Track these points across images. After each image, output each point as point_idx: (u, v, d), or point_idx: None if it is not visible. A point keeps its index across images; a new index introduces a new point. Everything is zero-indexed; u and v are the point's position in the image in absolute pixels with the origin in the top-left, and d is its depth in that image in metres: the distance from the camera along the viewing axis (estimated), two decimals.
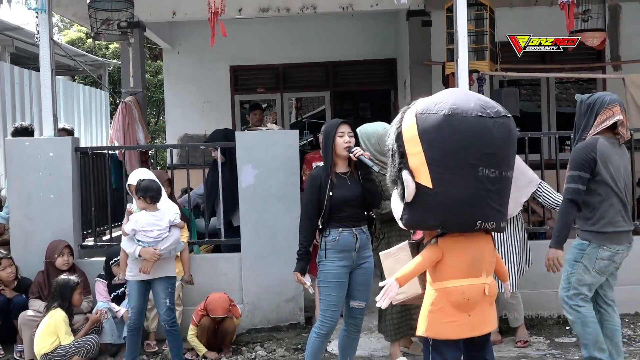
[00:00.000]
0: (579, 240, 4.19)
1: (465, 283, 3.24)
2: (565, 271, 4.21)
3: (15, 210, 5.76)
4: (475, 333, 3.30)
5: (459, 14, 5.79)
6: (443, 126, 3.11)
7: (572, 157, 4.17)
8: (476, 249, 3.29)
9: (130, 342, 4.73)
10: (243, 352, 5.25)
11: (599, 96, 4.27)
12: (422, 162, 3.16)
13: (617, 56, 8.76)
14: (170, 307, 4.69)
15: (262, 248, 5.71)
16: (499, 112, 3.16)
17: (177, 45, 10.47)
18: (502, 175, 3.20)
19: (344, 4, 8.23)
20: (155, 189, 4.65)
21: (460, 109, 3.11)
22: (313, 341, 4.14)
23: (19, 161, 5.75)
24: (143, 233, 4.59)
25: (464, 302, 3.24)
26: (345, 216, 4.07)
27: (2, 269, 5.34)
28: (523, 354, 5.00)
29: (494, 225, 3.24)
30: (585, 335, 4.11)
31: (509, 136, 3.21)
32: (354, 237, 4.07)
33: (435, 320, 3.27)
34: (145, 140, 7.68)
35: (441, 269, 3.28)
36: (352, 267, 4.11)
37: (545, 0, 8.45)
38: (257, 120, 8.54)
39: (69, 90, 12.78)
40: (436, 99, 3.24)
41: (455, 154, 3.12)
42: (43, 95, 5.93)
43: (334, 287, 4.07)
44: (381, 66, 10.49)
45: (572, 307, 4.16)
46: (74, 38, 18.31)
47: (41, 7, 5.65)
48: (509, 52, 7.40)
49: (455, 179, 3.14)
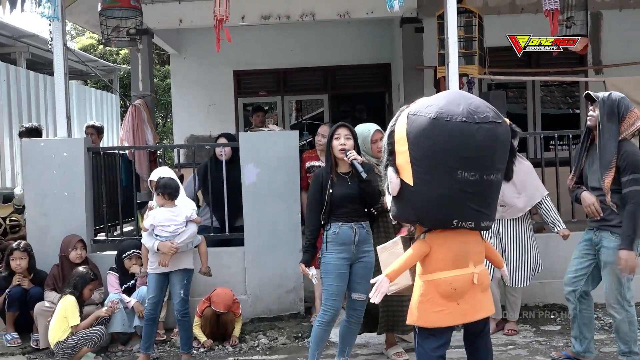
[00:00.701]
0: None
1: (451, 274, 3.24)
2: (614, 273, 4.17)
3: (31, 207, 5.76)
4: (466, 319, 3.31)
5: (450, 21, 5.80)
6: (427, 129, 3.11)
7: (633, 160, 4.07)
8: (461, 242, 3.28)
9: (146, 331, 4.72)
10: (247, 341, 5.25)
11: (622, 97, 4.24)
12: (406, 161, 3.19)
13: (599, 60, 8.76)
14: (184, 298, 4.70)
15: (264, 242, 5.71)
16: (487, 117, 3.12)
17: (184, 51, 10.47)
18: (483, 179, 3.15)
19: (341, 11, 8.23)
20: (173, 187, 4.67)
21: (446, 113, 3.09)
22: (316, 329, 4.16)
23: (35, 161, 5.74)
24: (161, 228, 4.61)
25: (452, 292, 3.24)
26: (346, 212, 4.10)
27: (13, 259, 5.34)
28: (511, 341, 5.01)
29: (472, 224, 3.22)
30: (630, 334, 4.18)
31: (495, 141, 3.15)
32: (353, 231, 4.09)
33: (426, 310, 3.28)
34: (154, 141, 7.68)
35: (429, 262, 3.30)
36: (352, 260, 4.12)
37: (530, 8, 8.45)
38: (259, 122, 8.56)
39: (81, 93, 12.79)
40: (429, 101, 3.23)
41: (435, 155, 3.12)
42: (57, 99, 5.92)
43: (334, 277, 4.09)
44: (376, 70, 10.49)
45: (624, 306, 4.18)
46: (86, 44, 18.28)
47: (55, 15, 5.65)
48: (496, 57, 7.43)
49: (434, 179, 3.15)
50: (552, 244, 5.70)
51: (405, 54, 8.53)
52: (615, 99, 4.19)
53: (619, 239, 4.10)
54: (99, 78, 14.09)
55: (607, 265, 4.20)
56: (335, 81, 10.67)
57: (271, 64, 10.35)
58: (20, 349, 5.22)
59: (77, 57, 10.88)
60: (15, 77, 10.06)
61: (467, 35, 6.65)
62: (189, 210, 4.75)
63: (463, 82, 6.35)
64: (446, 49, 5.86)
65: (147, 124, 7.47)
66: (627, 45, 8.36)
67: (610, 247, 4.17)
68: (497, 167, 3.22)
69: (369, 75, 10.57)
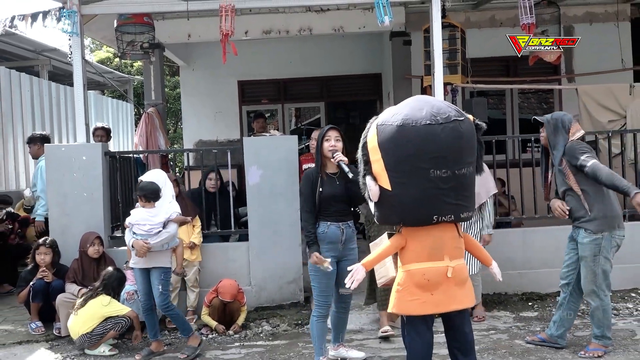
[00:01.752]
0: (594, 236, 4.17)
1: (425, 266, 3.23)
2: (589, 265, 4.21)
3: (53, 207, 5.74)
4: (440, 310, 3.27)
5: (435, 35, 5.80)
6: (395, 136, 3.10)
7: (573, 151, 4.17)
8: (436, 236, 3.25)
9: (147, 320, 4.70)
10: (251, 327, 5.24)
11: (563, 114, 4.40)
12: (382, 168, 3.17)
13: (571, 70, 8.76)
14: (162, 293, 4.56)
15: (267, 238, 5.70)
16: (450, 117, 3.10)
17: (192, 63, 10.46)
18: (455, 174, 3.14)
19: (336, 26, 8.23)
20: (149, 190, 4.58)
21: (410, 119, 3.09)
22: (315, 324, 4.12)
23: (57, 164, 5.73)
24: (137, 226, 4.56)
25: (425, 283, 3.22)
26: (334, 211, 4.06)
27: (38, 254, 5.33)
28: (492, 326, 5.00)
29: (451, 217, 3.21)
30: (604, 320, 4.21)
31: (461, 137, 3.14)
32: (340, 230, 4.06)
33: (402, 298, 3.27)
34: (166, 145, 7.67)
35: (405, 254, 3.29)
36: (338, 257, 4.08)
37: (508, 22, 8.45)
38: (260, 127, 8.54)
39: (99, 102, 12.78)
40: (395, 110, 3.22)
41: (407, 159, 3.11)
42: (77, 108, 5.90)
43: (323, 275, 4.04)
44: (368, 80, 10.48)
45: (599, 295, 4.19)
46: (103, 57, 18.24)
47: (74, 31, 5.65)
48: (478, 67, 7.43)
49: (410, 182, 3.14)
50: (528, 238, 5.72)
51: (395, 64, 8.53)
52: (557, 117, 4.37)
53: (591, 235, 4.15)
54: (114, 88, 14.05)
55: (582, 258, 4.24)
56: (331, 90, 10.66)
57: (272, 74, 10.35)
58: (44, 336, 5.20)
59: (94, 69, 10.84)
60: (38, 88, 10.05)
61: (451, 48, 6.65)
62: (169, 212, 4.62)
63: (447, 90, 6.35)
64: (432, 60, 5.86)
65: (159, 130, 7.46)
66: (597, 56, 8.37)
67: (584, 243, 4.19)
68: (468, 161, 3.21)
69: (362, 85, 10.56)
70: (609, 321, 4.25)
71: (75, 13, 5.64)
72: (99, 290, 4.91)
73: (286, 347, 4.75)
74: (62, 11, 5.63)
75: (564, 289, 4.42)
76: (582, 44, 8.77)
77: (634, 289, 5.82)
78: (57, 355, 4.76)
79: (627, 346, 4.40)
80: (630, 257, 5.76)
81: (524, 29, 5.77)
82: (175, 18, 8.00)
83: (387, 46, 9.05)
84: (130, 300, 5.09)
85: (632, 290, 5.78)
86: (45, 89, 10.30)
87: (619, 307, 5.31)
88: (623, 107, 7.03)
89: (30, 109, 9.61)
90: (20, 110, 9.31)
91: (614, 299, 5.54)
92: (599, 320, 4.22)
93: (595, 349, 4.24)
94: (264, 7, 7.02)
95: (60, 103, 10.79)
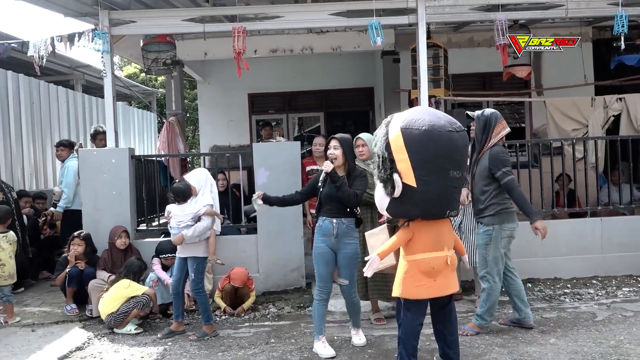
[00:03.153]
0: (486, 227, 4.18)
1: (431, 255, 3.27)
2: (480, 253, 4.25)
3: (86, 203, 5.74)
4: (440, 293, 3.35)
5: (421, 53, 5.82)
6: (424, 139, 3.12)
7: (498, 159, 4.10)
8: (438, 229, 3.31)
9: (174, 302, 4.70)
10: (259, 309, 5.24)
11: (492, 112, 4.27)
12: (408, 167, 3.15)
13: (540, 85, 8.76)
14: (194, 279, 4.55)
15: (273, 231, 5.70)
16: (460, 127, 3.23)
17: (208, 78, 10.46)
18: (462, 175, 3.27)
19: (334, 46, 8.24)
20: (177, 191, 4.59)
21: (436, 126, 3.13)
22: (316, 306, 4.09)
23: (90, 166, 5.73)
24: (173, 220, 4.57)
25: (430, 270, 3.27)
26: (329, 209, 4.06)
27: (72, 245, 5.34)
28: (470, 309, 4.99)
29: (455, 212, 3.33)
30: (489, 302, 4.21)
31: (466, 145, 3.32)
32: (332, 225, 4.02)
33: (409, 284, 3.30)
34: (185, 150, 7.66)
35: (412, 246, 3.31)
36: (333, 248, 4.05)
37: (485, 43, 8.47)
38: (267, 134, 8.53)
39: (126, 112, 12.78)
40: (414, 116, 3.21)
41: (434, 160, 3.14)
42: (107, 117, 5.91)
43: (320, 262, 4.06)
44: (362, 93, 10.47)
45: (488, 280, 4.20)
46: (130, 73, 18.25)
47: (105, 49, 5.66)
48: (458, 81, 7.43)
49: (434, 180, 3.15)
50: None
51: (386, 79, 8.55)
52: (487, 114, 4.26)
53: (484, 227, 4.19)
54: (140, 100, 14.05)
55: (477, 247, 4.29)
56: (329, 102, 10.66)
57: (278, 88, 10.36)
58: (78, 317, 5.20)
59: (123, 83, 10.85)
60: (73, 100, 10.07)
61: (435, 65, 6.64)
62: (197, 207, 4.58)
63: (432, 102, 6.35)
64: (418, 75, 5.87)
65: (179, 137, 7.45)
66: (563, 73, 8.37)
67: (479, 233, 4.25)
68: (466, 165, 3.40)
69: (356, 97, 10.55)
70: (494, 305, 4.22)
71: (106, 34, 5.65)
72: (121, 276, 4.94)
73: (290, 327, 4.75)
74: (95, 32, 5.65)
75: (497, 279, 4.33)
76: (550, 62, 8.84)
77: (595, 276, 5.83)
78: (89, 334, 4.76)
79: (589, 327, 4.40)
80: (592, 248, 5.79)
81: (499, 48, 5.78)
82: (194, 38, 8.01)
83: (378, 63, 9.06)
84: (155, 287, 5.09)
85: (593, 278, 5.79)
86: (80, 101, 10.31)
87: (581, 293, 5.31)
88: (585, 117, 7.05)
89: (66, 118, 9.63)
90: (57, 119, 9.35)
91: (576, 286, 5.55)
92: (484, 300, 4.20)
93: (468, 329, 4.23)
94: (271, 29, 7.03)
95: (92, 113, 10.80)
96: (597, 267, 5.87)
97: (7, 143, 8.00)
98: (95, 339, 4.63)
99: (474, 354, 3.89)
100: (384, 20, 5.61)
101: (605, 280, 5.69)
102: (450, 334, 3.48)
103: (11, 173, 8.01)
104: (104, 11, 5.66)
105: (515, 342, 4.11)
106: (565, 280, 5.75)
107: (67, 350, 4.34)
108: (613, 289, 5.42)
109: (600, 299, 5.13)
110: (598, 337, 4.16)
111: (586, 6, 5.84)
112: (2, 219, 5.20)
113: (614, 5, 5.73)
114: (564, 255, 5.80)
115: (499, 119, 4.23)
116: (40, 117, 8.80)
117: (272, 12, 5.80)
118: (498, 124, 4.21)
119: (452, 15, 5.84)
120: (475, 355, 3.86)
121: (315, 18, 5.81)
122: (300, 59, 9.61)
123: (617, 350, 3.87)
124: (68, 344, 4.49)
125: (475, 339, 4.20)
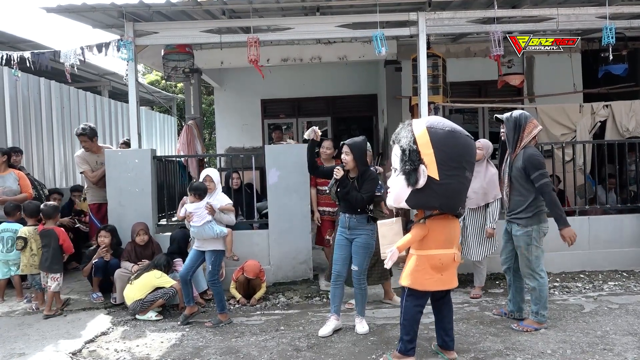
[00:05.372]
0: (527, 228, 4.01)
1: (441, 252, 3.32)
2: (522, 253, 4.06)
3: (112, 199, 5.75)
4: (446, 287, 3.41)
5: (421, 63, 5.79)
6: (449, 138, 3.19)
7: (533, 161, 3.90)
8: (450, 228, 3.36)
9: (183, 290, 4.64)
10: (270, 299, 5.23)
11: (521, 112, 4.11)
12: (432, 161, 3.18)
13: (532, 92, 8.71)
14: (211, 271, 4.53)
15: (283, 226, 5.69)
16: (470, 135, 3.33)
17: (224, 85, 10.48)
18: (471, 176, 3.35)
19: (341, 55, 8.24)
20: (199, 189, 4.55)
21: (457, 129, 3.24)
22: (331, 287, 4.25)
23: (115, 165, 5.74)
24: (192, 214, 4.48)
25: (439, 265, 3.32)
26: (344, 206, 4.18)
27: (100, 236, 5.36)
28: (466, 300, 4.97)
29: (463, 210, 3.43)
30: (540, 298, 4.04)
31: (475, 149, 3.41)
32: (346, 219, 4.16)
33: (419, 277, 3.35)
34: (202, 151, 7.68)
35: (426, 242, 3.34)
36: (348, 238, 4.18)
37: (481, 53, 8.43)
38: (278, 137, 8.53)
39: (149, 117, 12.84)
40: (435, 119, 3.32)
41: (457, 158, 3.21)
42: (131, 121, 5.93)
43: (336, 248, 4.22)
44: (366, 99, 10.46)
45: (535, 277, 4.04)
46: (153, 80, 18.32)
47: (130, 58, 5.68)
48: (456, 89, 7.39)
49: (454, 176, 3.21)
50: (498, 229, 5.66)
51: (388, 87, 8.52)
52: (516, 115, 4.09)
53: (522, 229, 4.02)
54: (161, 105, 14.11)
55: (517, 248, 4.11)
56: (336, 107, 10.65)
57: (289, 94, 10.37)
58: (103, 304, 5.22)
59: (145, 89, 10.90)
60: (100, 105, 10.11)
61: (434, 73, 6.62)
62: (214, 202, 4.54)
63: (431, 109, 6.33)
64: (418, 83, 5.85)
65: (197, 139, 7.47)
66: (553, 81, 8.33)
67: (517, 235, 4.07)
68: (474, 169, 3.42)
69: (361, 103, 10.54)
70: (545, 299, 4.06)
71: (131, 44, 5.67)
72: (150, 267, 4.95)
73: (298, 315, 4.74)
74: (120, 42, 5.66)
75: (507, 272, 4.33)
76: (541, 71, 8.78)
77: (582, 271, 5.78)
78: (113, 319, 4.77)
79: (577, 318, 4.35)
80: (580, 245, 5.73)
81: (492, 58, 5.74)
82: (211, 48, 8.03)
83: (381, 72, 9.03)
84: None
85: (581, 272, 5.74)
86: (106, 106, 10.37)
87: (570, 286, 5.26)
88: (574, 123, 7.00)
89: (93, 122, 9.66)
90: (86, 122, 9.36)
91: (565, 280, 5.51)
92: (537, 298, 4.06)
93: (527, 325, 4.08)
94: (283, 39, 7.04)
95: (117, 117, 10.85)
96: (585, 262, 5.83)
97: (40, 144, 8.05)
98: (119, 325, 4.63)
99: (469, 342, 3.86)
100: (387, 31, 5.59)
101: (592, 275, 5.64)
102: (447, 322, 3.54)
103: (43, 171, 8.06)
104: (129, 23, 5.67)
105: (507, 331, 4.08)
106: (554, 274, 5.71)
107: (93, 335, 4.35)
108: (600, 282, 5.37)
109: (587, 292, 5.09)
110: (585, 327, 4.11)
111: (576, 19, 5.78)
112: (51, 215, 5.08)
113: (602, 18, 5.69)
114: (553, 250, 5.75)
115: (528, 119, 4.05)
116: (70, 120, 8.85)
117: (283, 24, 5.79)
118: (528, 123, 4.03)
119: (451, 27, 5.80)
120: (470, 343, 3.84)
121: (323, 30, 5.80)
122: (309, 67, 9.60)
123: (604, 340, 3.83)
124: (94, 329, 4.51)
125: (470, 328, 4.17)
